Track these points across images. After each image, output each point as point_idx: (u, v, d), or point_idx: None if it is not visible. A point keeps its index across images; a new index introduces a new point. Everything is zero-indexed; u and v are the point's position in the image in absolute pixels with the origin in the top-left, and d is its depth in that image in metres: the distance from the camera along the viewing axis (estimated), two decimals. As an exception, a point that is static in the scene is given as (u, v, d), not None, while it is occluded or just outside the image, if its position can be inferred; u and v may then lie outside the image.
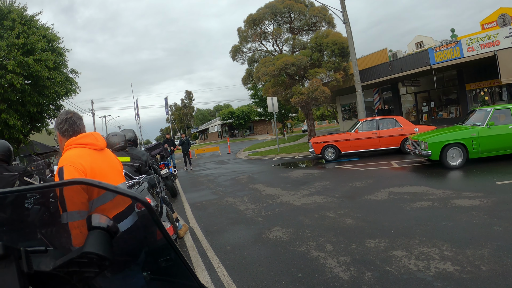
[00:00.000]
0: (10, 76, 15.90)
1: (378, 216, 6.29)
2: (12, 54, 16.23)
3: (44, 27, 19.35)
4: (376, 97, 28.09)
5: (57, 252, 1.00)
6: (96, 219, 0.91)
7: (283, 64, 23.08)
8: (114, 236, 0.92)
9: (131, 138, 6.41)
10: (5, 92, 16.32)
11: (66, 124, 2.60)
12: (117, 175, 2.65)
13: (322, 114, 72.46)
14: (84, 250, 0.87)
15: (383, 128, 14.69)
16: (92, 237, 0.89)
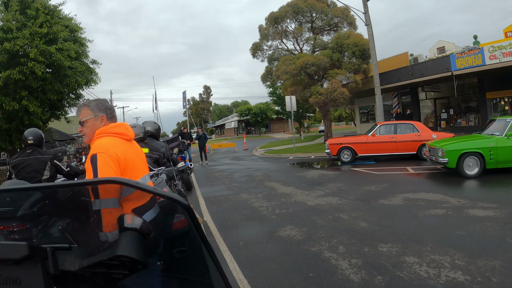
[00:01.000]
0: (32, 64, 16.21)
1: (391, 221, 6.34)
2: (34, 43, 16.53)
3: (67, 17, 19.71)
4: (395, 101, 27.89)
5: (81, 250, 0.98)
6: (129, 220, 0.89)
7: (303, 63, 23.07)
8: (146, 237, 0.89)
9: (152, 130, 6.51)
10: (26, 79, 16.64)
11: (114, 112, 2.69)
12: (144, 166, 2.70)
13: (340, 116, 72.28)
14: (117, 253, 0.84)
15: (401, 132, 14.60)
16: (125, 239, 0.86)
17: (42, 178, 5.29)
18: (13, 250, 0.82)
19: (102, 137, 2.48)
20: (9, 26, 16.27)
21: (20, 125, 17.71)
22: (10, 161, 5.62)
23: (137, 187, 0.88)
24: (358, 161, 15.39)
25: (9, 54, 16.14)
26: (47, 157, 5.37)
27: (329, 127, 26.46)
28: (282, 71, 23.97)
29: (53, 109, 20.27)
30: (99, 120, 2.59)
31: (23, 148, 5.50)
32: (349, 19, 26.13)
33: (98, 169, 2.26)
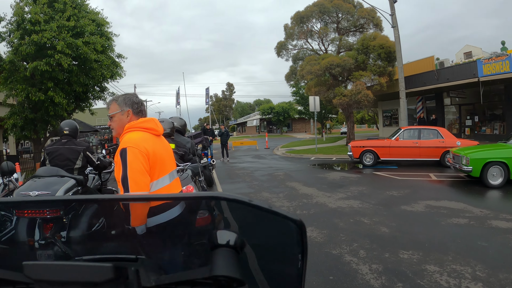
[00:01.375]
0: (58, 56, 16.62)
1: (413, 227, 6.36)
2: (62, 36, 16.95)
3: (93, 11, 20.13)
4: (419, 106, 27.55)
5: (148, 262, 0.93)
6: (222, 236, 0.84)
7: (328, 64, 23.05)
8: (240, 252, 0.84)
9: (179, 126, 6.65)
10: (53, 71, 17.08)
11: (142, 105, 2.72)
12: (171, 161, 2.74)
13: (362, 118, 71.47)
14: (216, 273, 0.78)
15: (425, 138, 14.50)
16: (221, 258, 0.81)
17: (74, 167, 5.53)
18: (96, 273, 0.77)
19: (132, 132, 2.54)
20: (37, 18, 16.75)
21: (46, 115, 18.18)
22: (45, 147, 5.88)
23: (249, 204, 0.84)
24: (380, 165, 15.34)
25: (36, 46, 16.61)
26: (80, 148, 5.62)
27: (352, 129, 26.36)
28: (306, 71, 23.99)
29: (78, 101, 20.75)
30: (125, 114, 2.64)
31: (59, 138, 5.81)
32: (375, 21, 25.97)
33: (127, 163, 2.31)
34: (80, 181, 5.15)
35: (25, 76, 17.27)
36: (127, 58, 22.20)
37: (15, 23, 17.39)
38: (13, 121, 18.05)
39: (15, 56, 17.04)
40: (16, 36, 17.02)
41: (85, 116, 25.90)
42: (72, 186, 4.91)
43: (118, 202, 1.12)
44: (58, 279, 0.78)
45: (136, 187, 2.29)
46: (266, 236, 0.97)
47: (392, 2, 19.91)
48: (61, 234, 1.15)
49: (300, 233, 0.83)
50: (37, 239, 1.18)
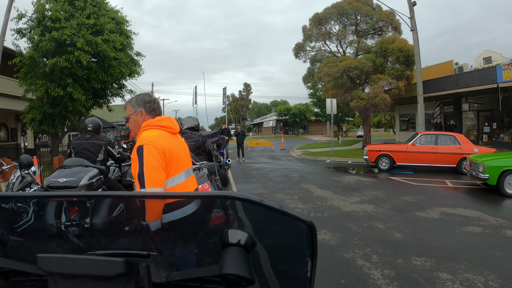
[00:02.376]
0: (78, 53, 16.91)
1: (427, 234, 6.34)
2: (81, 33, 17.25)
3: (113, 10, 20.43)
4: (436, 111, 27.27)
5: (159, 258, 0.93)
6: (233, 235, 0.85)
7: (345, 66, 22.98)
8: (250, 252, 0.84)
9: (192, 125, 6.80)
10: (72, 67, 17.40)
11: (155, 104, 2.78)
12: (188, 159, 2.81)
13: (379, 122, 71.09)
14: (226, 272, 0.79)
15: (441, 144, 14.38)
16: (231, 257, 0.82)
17: (96, 159, 6.11)
18: (107, 267, 0.79)
19: (148, 130, 2.61)
20: (58, 16, 17.06)
21: (64, 111, 18.52)
22: (71, 141, 6.63)
23: (260, 204, 0.85)
24: (396, 170, 15.27)
25: (56, 42, 16.94)
26: (102, 142, 6.24)
27: (368, 133, 26.23)
28: (324, 73, 23.95)
29: (96, 97, 21.07)
30: (139, 114, 2.71)
31: (83, 133, 6.42)
32: (394, 24, 25.79)
33: (144, 160, 2.38)
34: (102, 170, 5.66)
35: (44, 71, 17.63)
36: (145, 56, 22.46)
37: (35, 20, 17.76)
38: (32, 116, 18.41)
39: (35, 52, 17.41)
40: (37, 33, 17.39)
41: (102, 113, 26.25)
42: (96, 175, 5.39)
43: (135, 199, 1.15)
44: (71, 272, 0.80)
45: (152, 183, 2.37)
46: (277, 237, 0.98)
47: (411, 5, 19.79)
48: (85, 220, 1.19)
49: (311, 234, 0.84)
50: (64, 221, 1.22)
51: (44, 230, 1.16)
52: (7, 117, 24.85)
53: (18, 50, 18.10)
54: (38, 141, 39.44)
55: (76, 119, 20.21)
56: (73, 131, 25.36)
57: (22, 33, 18.27)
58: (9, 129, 25.66)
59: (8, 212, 1.15)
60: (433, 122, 26.98)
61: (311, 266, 0.86)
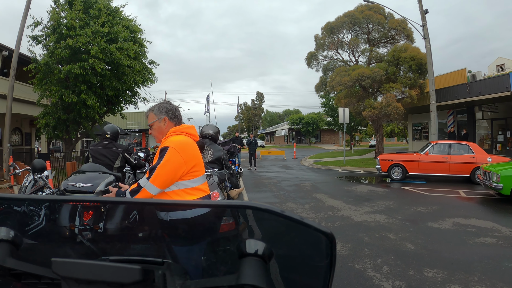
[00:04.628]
0: (92, 61, 17.19)
1: (439, 245, 6.28)
2: (96, 41, 17.54)
3: (127, 18, 20.76)
4: (450, 120, 26.98)
5: (174, 266, 0.94)
6: (251, 246, 0.85)
7: (358, 75, 22.90)
8: (268, 262, 0.84)
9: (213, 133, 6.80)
10: (86, 74, 17.68)
11: (176, 111, 2.97)
12: (202, 166, 2.95)
13: (392, 131, 70.60)
14: (243, 282, 0.80)
15: (455, 153, 14.24)
16: (248, 267, 0.82)
17: (114, 166, 6.20)
18: (124, 274, 0.80)
19: (177, 135, 2.79)
20: (73, 24, 17.38)
21: (78, 117, 18.80)
22: (89, 147, 6.70)
23: (281, 214, 0.85)
24: (409, 179, 15.13)
25: (71, 50, 17.26)
26: (119, 150, 6.35)
27: (381, 142, 26.08)
28: (336, 82, 23.90)
29: (110, 104, 21.35)
30: (162, 121, 2.89)
31: (101, 139, 6.52)
32: (406, 32, 25.65)
33: (163, 159, 2.59)
34: (118, 177, 5.73)
35: (59, 78, 17.94)
36: (159, 64, 22.72)
37: (51, 28, 18.10)
38: (46, 121, 18.72)
39: (50, 59, 17.74)
40: (52, 40, 17.69)
41: (116, 120, 26.51)
42: (112, 181, 5.43)
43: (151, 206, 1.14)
44: (86, 278, 0.81)
45: (157, 180, 2.59)
46: (295, 247, 0.97)
47: (423, 13, 19.74)
48: (99, 225, 1.21)
49: (330, 246, 0.84)
50: (77, 225, 1.25)
51: (57, 233, 1.18)
52: (22, 122, 25.20)
53: (33, 57, 18.46)
54: (52, 146, 39.91)
55: (90, 126, 20.47)
56: (87, 137, 25.65)
57: (38, 40, 18.62)
58: (23, 134, 26.02)
59: (22, 214, 1.15)
60: (446, 131, 26.70)
61: (328, 278, 0.87)
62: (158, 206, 1.18)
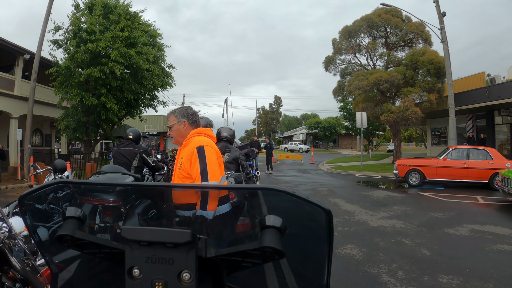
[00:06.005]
0: (112, 64, 17.53)
1: (455, 251, 6.26)
2: (115, 45, 17.87)
3: (146, 23, 21.12)
4: (469, 124, 26.54)
5: (209, 240, 1.12)
6: (270, 219, 1.00)
7: (376, 79, 22.76)
8: (283, 233, 1.00)
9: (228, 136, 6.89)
10: (106, 78, 18.05)
11: (196, 116, 3.10)
12: (223, 166, 3.13)
13: (410, 136, 69.87)
14: (264, 245, 0.96)
15: (473, 159, 14.05)
16: (268, 234, 0.98)
17: (132, 166, 6.41)
18: (178, 236, 0.98)
19: (201, 136, 2.93)
20: (93, 28, 17.75)
21: (97, 119, 19.18)
22: (112, 149, 7.09)
23: (293, 194, 1.06)
24: (426, 185, 14.97)
25: (91, 54, 17.64)
26: (138, 150, 6.56)
27: (399, 147, 25.88)
28: (354, 87, 23.80)
29: (129, 107, 21.69)
30: (182, 124, 3.02)
31: (122, 141, 6.79)
32: (424, 35, 25.35)
33: (206, 157, 2.74)
34: (138, 178, 5.81)
35: (79, 81, 18.34)
36: (177, 68, 23.03)
37: (71, 32, 18.53)
38: (66, 123, 19.13)
39: (71, 63, 18.16)
40: (72, 44, 18.11)
41: (134, 123, 26.87)
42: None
43: (201, 189, 1.50)
44: (147, 240, 1.01)
45: (214, 177, 2.74)
46: (303, 221, 1.22)
47: (441, 16, 19.56)
48: (118, 224, 1.42)
49: (328, 219, 1.04)
50: (98, 222, 1.50)
51: (90, 220, 1.40)
52: (43, 123, 25.78)
53: (54, 60, 18.93)
54: (71, 148, 40.58)
55: (109, 128, 20.84)
56: (106, 139, 26.06)
57: (59, 44, 19.07)
58: (44, 135, 26.62)
59: None
60: (465, 136, 26.32)
61: (329, 247, 1.09)
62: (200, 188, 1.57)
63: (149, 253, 1.02)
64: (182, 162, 2.87)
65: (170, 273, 1.00)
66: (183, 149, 2.95)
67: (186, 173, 2.82)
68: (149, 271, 1.02)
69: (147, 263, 1.02)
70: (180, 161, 2.91)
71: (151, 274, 1.01)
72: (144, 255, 1.02)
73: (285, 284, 1.35)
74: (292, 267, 1.32)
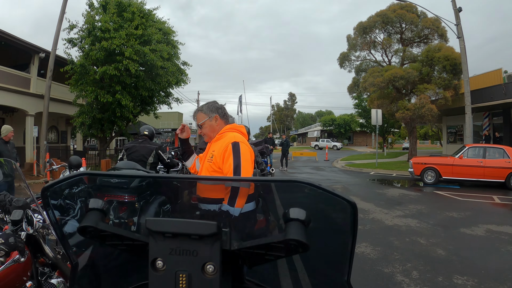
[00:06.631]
0: (126, 62, 17.67)
1: (471, 252, 6.21)
2: (130, 43, 18.01)
3: (160, 21, 21.26)
4: (485, 122, 26.09)
5: (233, 234, 1.12)
6: (294, 212, 1.01)
7: (391, 76, 22.56)
8: (307, 226, 1.01)
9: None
10: (121, 75, 18.20)
11: (225, 110, 3.06)
12: None
13: (426, 134, 69.19)
14: (289, 237, 0.98)
15: (490, 157, 13.82)
16: (293, 227, 0.99)
17: (147, 162, 6.45)
18: (203, 227, 1.00)
19: (234, 132, 2.91)
20: (107, 26, 17.92)
21: (112, 116, 19.37)
22: (124, 145, 7.12)
23: (319, 187, 1.05)
24: (442, 184, 14.83)
25: (106, 52, 17.81)
26: (153, 146, 6.59)
27: (414, 144, 25.65)
28: (369, 83, 23.63)
29: (144, 104, 21.86)
30: (214, 120, 2.96)
31: (137, 138, 6.84)
32: (440, 31, 24.95)
33: (241, 154, 2.69)
34: None
35: (94, 79, 18.56)
36: (192, 65, 23.09)
37: (86, 31, 18.74)
38: (81, 120, 19.37)
39: (85, 61, 18.37)
40: (87, 42, 18.32)
41: (149, 119, 27.13)
42: None
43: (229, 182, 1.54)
44: (172, 231, 1.02)
45: (246, 174, 2.71)
46: (327, 213, 1.23)
47: (456, 11, 19.31)
48: (133, 219, 1.46)
49: (353, 212, 1.04)
50: (113, 218, 1.50)
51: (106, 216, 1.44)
52: (58, 120, 26.09)
53: (69, 58, 19.17)
54: (87, 144, 40.99)
55: (124, 125, 21.03)
56: (121, 136, 26.32)
57: (74, 43, 19.29)
58: (59, 132, 26.96)
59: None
60: (482, 134, 25.90)
61: (352, 239, 1.08)
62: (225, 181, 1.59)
63: (174, 245, 1.03)
64: (213, 156, 2.81)
65: (194, 265, 1.02)
66: (215, 142, 2.90)
67: (217, 167, 2.77)
68: (173, 263, 1.03)
69: (171, 255, 1.03)
70: (211, 154, 2.85)
71: (175, 266, 1.03)
72: (169, 247, 1.04)
73: (300, 280, 1.40)
74: (312, 262, 1.35)
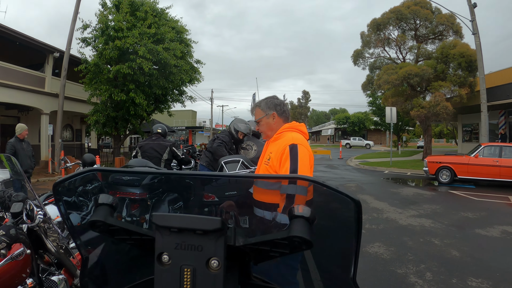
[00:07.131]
0: (140, 61, 17.79)
1: (486, 253, 6.13)
2: (143, 42, 18.16)
3: (173, 19, 21.40)
4: (501, 120, 25.68)
5: (238, 229, 1.17)
6: (300, 209, 1.02)
7: (405, 73, 22.29)
8: (312, 223, 1.02)
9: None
10: (134, 74, 18.36)
11: (285, 106, 2.91)
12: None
13: (441, 132, 68.27)
14: (292, 234, 0.98)
15: (506, 156, 13.55)
16: (297, 224, 1.00)
17: (162, 159, 6.59)
18: (207, 223, 1.02)
19: (293, 132, 2.75)
20: (120, 26, 18.09)
21: (126, 114, 19.59)
22: (138, 143, 7.41)
23: (323, 184, 1.08)
24: (457, 183, 14.67)
25: (119, 50, 17.99)
26: (167, 143, 6.77)
27: (429, 143, 25.40)
28: (383, 81, 23.40)
29: (157, 103, 22.07)
30: (271, 117, 2.84)
31: (150, 135, 6.99)
32: (454, 27, 24.58)
33: (298, 158, 2.52)
34: None
35: (108, 77, 18.77)
36: (205, 64, 23.16)
37: (99, 30, 18.95)
38: (96, 118, 19.59)
39: (99, 60, 18.57)
40: (101, 42, 18.54)
41: (163, 117, 27.27)
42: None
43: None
44: (178, 226, 1.04)
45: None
46: (332, 210, 1.26)
47: (471, 7, 18.99)
48: (145, 217, 1.50)
49: (358, 210, 1.05)
50: (125, 215, 1.55)
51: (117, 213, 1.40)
52: (73, 119, 26.44)
53: (83, 58, 19.40)
54: (101, 142, 41.42)
55: (138, 123, 21.20)
56: (135, 134, 26.56)
57: (87, 42, 19.52)
58: (74, 130, 27.35)
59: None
60: (498, 133, 25.52)
61: (357, 236, 1.09)
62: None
63: (179, 240, 1.05)
64: (270, 158, 2.69)
65: (198, 259, 1.04)
66: (273, 143, 2.79)
67: (273, 170, 2.62)
68: (178, 257, 1.05)
69: (176, 249, 1.05)
70: (268, 156, 2.73)
71: (180, 260, 1.05)
72: (174, 241, 1.05)
73: (309, 277, 1.41)
74: (316, 260, 1.37)
